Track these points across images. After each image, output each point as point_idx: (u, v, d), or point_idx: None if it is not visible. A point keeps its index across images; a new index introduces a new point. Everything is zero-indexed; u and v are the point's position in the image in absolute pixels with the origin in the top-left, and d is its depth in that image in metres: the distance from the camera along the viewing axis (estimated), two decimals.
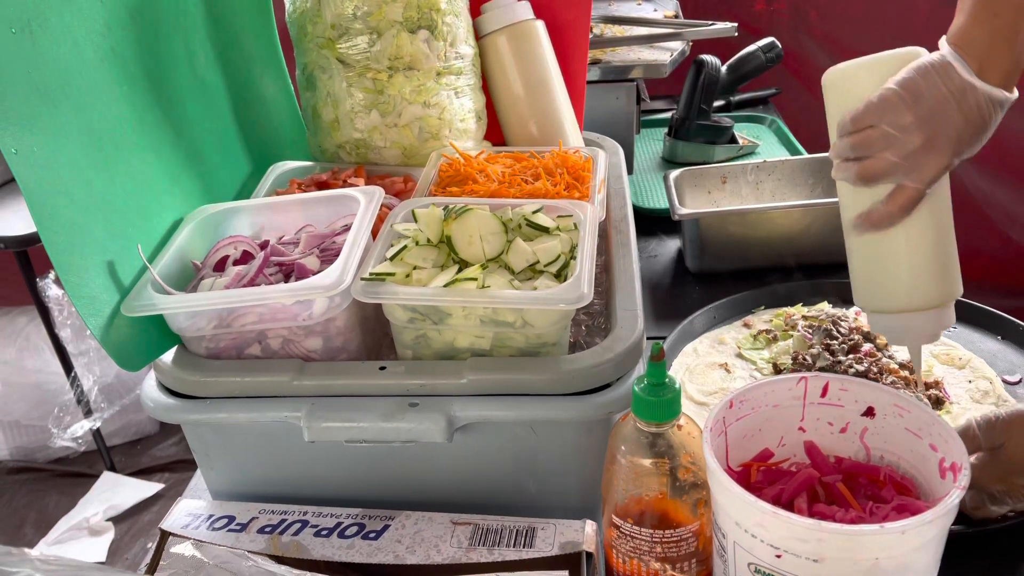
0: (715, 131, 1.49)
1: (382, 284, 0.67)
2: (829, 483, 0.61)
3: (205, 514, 0.71)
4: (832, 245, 1.03)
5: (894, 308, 0.72)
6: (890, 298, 0.72)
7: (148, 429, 2.34)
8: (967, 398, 0.86)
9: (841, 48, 1.93)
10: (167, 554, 0.67)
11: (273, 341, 0.70)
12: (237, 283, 0.71)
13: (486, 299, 0.65)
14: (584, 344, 0.74)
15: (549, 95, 1.00)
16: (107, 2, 0.72)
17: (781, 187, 1.25)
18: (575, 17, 1.04)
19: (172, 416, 0.70)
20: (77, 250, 0.66)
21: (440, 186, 0.86)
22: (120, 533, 2.03)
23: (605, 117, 1.33)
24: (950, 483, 0.54)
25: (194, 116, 0.84)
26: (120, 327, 0.68)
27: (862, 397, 0.62)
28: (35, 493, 2.21)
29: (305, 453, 0.70)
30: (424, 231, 0.71)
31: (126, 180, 0.73)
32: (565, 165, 0.87)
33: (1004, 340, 0.96)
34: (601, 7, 1.62)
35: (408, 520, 0.69)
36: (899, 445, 0.61)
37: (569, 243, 0.72)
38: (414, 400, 0.66)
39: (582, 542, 0.65)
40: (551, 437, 0.68)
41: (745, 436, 0.63)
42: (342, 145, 0.93)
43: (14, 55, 0.62)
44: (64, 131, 0.66)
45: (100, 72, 0.71)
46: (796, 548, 0.51)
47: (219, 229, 0.79)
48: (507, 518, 0.68)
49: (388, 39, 0.88)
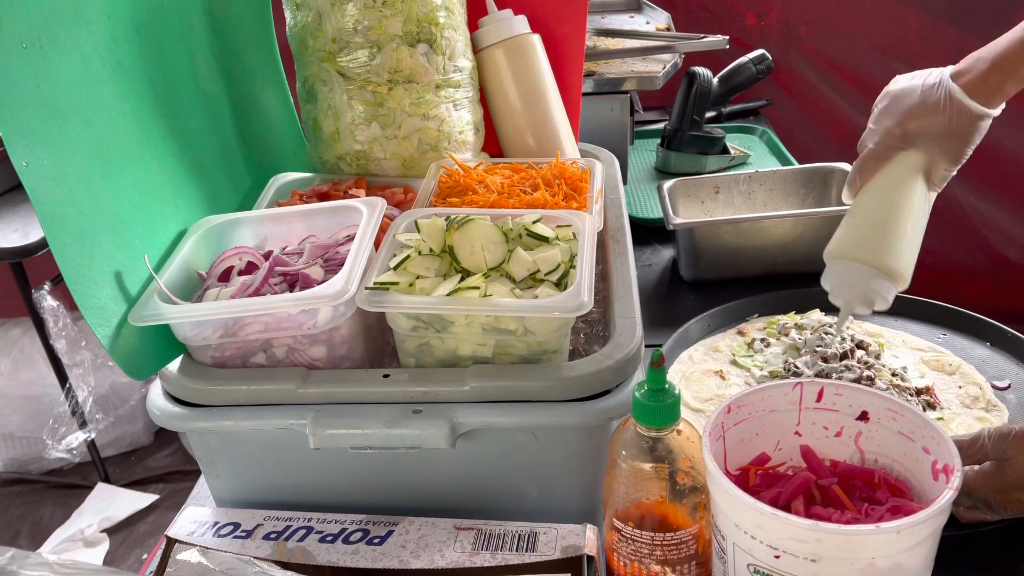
0: (707, 142, 1.51)
1: (386, 293, 0.68)
2: (825, 486, 0.62)
3: (211, 521, 0.72)
4: (823, 254, 1.04)
5: (835, 253, 0.83)
6: (835, 244, 0.83)
7: (143, 440, 2.34)
8: (957, 403, 0.88)
9: (830, 63, 1.96)
10: (173, 561, 0.68)
11: (278, 350, 0.72)
12: (242, 293, 0.72)
13: (488, 307, 0.66)
14: (583, 351, 0.75)
15: (546, 107, 1.01)
16: (114, 17, 0.73)
17: (773, 197, 1.27)
18: (571, 31, 1.05)
19: (178, 424, 0.71)
20: (86, 261, 0.67)
21: (440, 197, 0.87)
22: (115, 544, 2.02)
23: (599, 128, 1.35)
24: (943, 484, 0.55)
25: (197, 128, 0.86)
26: (128, 336, 0.69)
27: (856, 402, 0.63)
28: (29, 505, 2.20)
29: (310, 460, 0.71)
30: (427, 241, 0.73)
31: (132, 192, 0.74)
32: (563, 176, 0.88)
33: (993, 347, 0.97)
34: (595, 20, 1.64)
35: (412, 526, 0.70)
36: (893, 448, 0.62)
37: (569, 252, 0.73)
38: (418, 407, 0.67)
39: (583, 546, 0.66)
40: (552, 443, 0.69)
41: (743, 440, 0.64)
42: (342, 157, 0.95)
43: (25, 70, 0.63)
44: (72, 143, 0.67)
45: (107, 86, 0.72)
46: (794, 549, 0.53)
47: (223, 240, 0.80)
48: (509, 523, 0.69)
49: (388, 53, 0.89)
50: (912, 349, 0.98)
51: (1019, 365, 0.94)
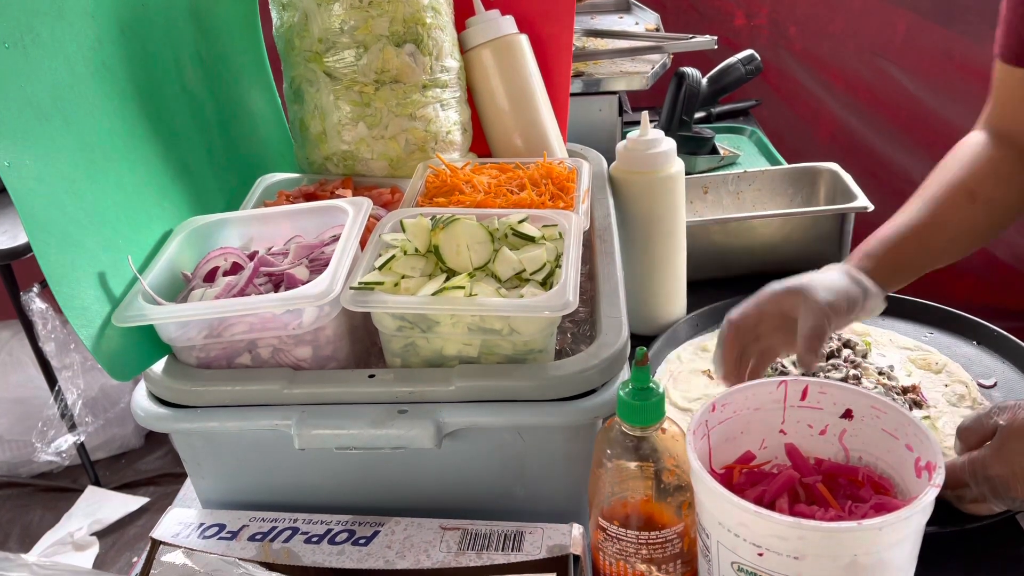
0: (696, 142, 1.51)
1: (371, 293, 0.68)
2: (809, 484, 0.62)
3: (196, 522, 0.72)
4: (811, 254, 1.05)
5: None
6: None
7: (132, 443, 2.33)
8: (944, 402, 0.88)
9: (820, 63, 1.97)
10: (158, 563, 0.68)
11: (263, 350, 0.71)
12: (227, 293, 0.72)
13: (474, 307, 0.66)
14: (570, 351, 0.75)
15: (533, 107, 1.01)
16: (98, 17, 0.73)
17: (761, 197, 1.27)
18: (558, 31, 1.06)
19: (163, 425, 0.71)
20: (69, 262, 0.66)
21: (427, 197, 0.87)
22: (105, 548, 2.01)
23: (588, 128, 1.35)
24: (925, 482, 0.55)
25: (183, 129, 0.85)
26: (111, 337, 0.68)
27: (840, 400, 0.63)
28: (19, 508, 2.19)
29: (295, 461, 0.71)
30: (412, 241, 0.73)
31: (116, 192, 0.73)
32: (550, 176, 0.88)
33: (979, 345, 0.98)
34: (584, 20, 1.64)
35: (398, 526, 0.70)
36: (876, 446, 0.62)
37: (554, 252, 0.73)
38: (403, 407, 0.67)
39: (569, 545, 0.66)
40: (538, 442, 0.69)
41: (727, 439, 0.64)
42: (329, 157, 0.95)
43: (7, 69, 0.62)
44: (56, 144, 0.67)
45: (91, 86, 0.72)
46: (777, 546, 0.53)
47: (208, 240, 0.80)
48: (495, 523, 0.69)
49: (375, 53, 0.89)
50: (899, 348, 0.98)
51: (1005, 363, 0.94)
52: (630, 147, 0.96)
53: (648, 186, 0.96)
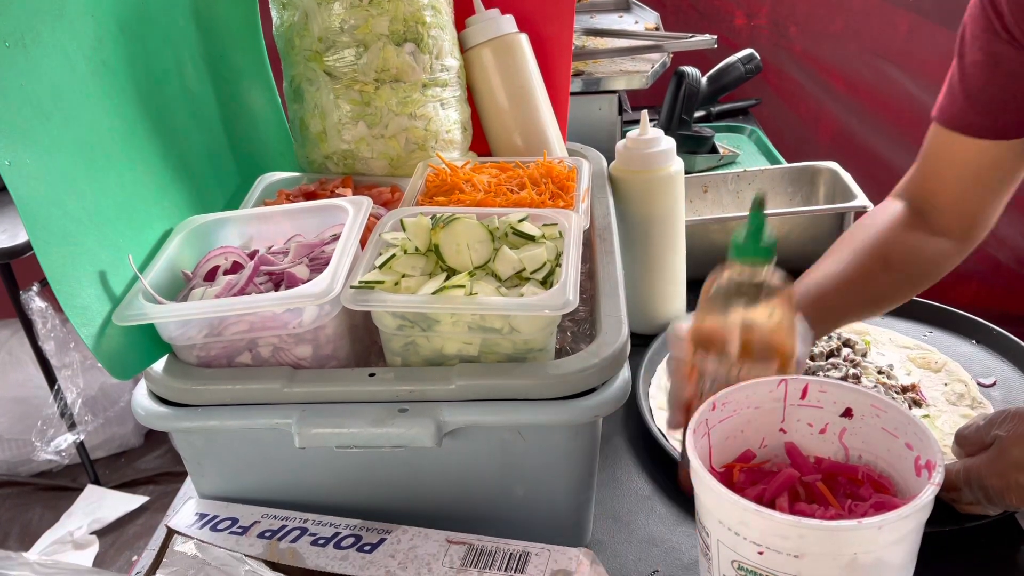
0: (696, 141, 1.51)
1: (371, 292, 0.68)
2: (809, 482, 0.62)
3: (211, 514, 0.72)
4: (811, 252, 1.04)
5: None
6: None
7: (132, 442, 2.33)
8: (943, 400, 0.89)
9: (820, 63, 1.97)
10: (171, 552, 0.67)
11: (263, 349, 0.71)
12: (227, 292, 0.72)
13: (474, 306, 0.66)
14: (570, 350, 0.75)
15: (533, 106, 1.01)
16: (98, 16, 0.73)
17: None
18: (558, 30, 1.06)
19: (163, 424, 0.71)
20: (69, 260, 0.66)
21: (427, 196, 0.87)
22: (104, 547, 2.01)
23: (588, 127, 1.35)
24: (925, 480, 0.55)
25: (183, 128, 0.85)
26: (112, 336, 0.68)
27: (840, 398, 0.63)
28: (18, 507, 2.19)
29: (296, 460, 0.71)
30: (412, 240, 0.73)
31: (117, 191, 0.73)
32: (550, 175, 0.88)
33: (979, 344, 0.98)
34: (584, 20, 1.64)
35: (404, 535, 0.69)
36: (876, 445, 0.62)
37: (554, 251, 0.73)
38: (403, 406, 0.67)
39: (573, 572, 0.65)
40: (538, 441, 0.69)
41: (728, 438, 0.65)
42: (329, 156, 0.95)
43: (7, 68, 0.62)
44: (56, 143, 0.67)
45: (91, 85, 0.72)
46: (778, 545, 0.53)
47: (209, 239, 0.80)
48: (502, 540, 0.68)
49: (375, 52, 0.89)
50: (898, 347, 0.98)
51: (1004, 362, 0.94)
52: (630, 146, 0.96)
53: (648, 185, 0.97)
